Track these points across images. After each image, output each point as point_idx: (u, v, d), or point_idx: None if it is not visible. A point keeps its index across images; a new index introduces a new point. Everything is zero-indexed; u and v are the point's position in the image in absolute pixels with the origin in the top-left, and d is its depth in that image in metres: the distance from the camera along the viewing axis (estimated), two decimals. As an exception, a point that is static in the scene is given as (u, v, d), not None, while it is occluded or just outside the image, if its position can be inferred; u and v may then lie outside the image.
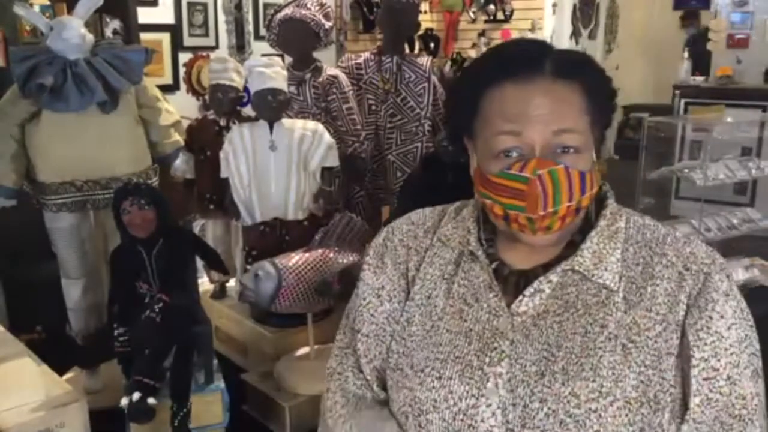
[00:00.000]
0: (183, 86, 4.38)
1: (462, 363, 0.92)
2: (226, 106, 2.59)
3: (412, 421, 0.94)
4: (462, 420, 0.89)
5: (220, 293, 2.73)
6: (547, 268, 0.95)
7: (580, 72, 0.95)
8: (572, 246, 0.97)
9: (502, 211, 0.92)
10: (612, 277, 0.92)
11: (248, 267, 2.28)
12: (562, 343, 0.90)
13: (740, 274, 3.44)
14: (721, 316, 0.89)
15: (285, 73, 2.42)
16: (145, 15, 3.83)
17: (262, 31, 4.23)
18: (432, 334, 0.97)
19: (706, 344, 0.88)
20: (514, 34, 5.85)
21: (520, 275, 0.97)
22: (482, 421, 0.88)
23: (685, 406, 0.88)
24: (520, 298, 0.93)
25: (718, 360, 0.88)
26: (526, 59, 0.94)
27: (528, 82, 0.92)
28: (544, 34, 5.78)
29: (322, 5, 2.82)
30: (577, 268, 0.93)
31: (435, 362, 0.94)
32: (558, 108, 0.91)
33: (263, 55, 2.96)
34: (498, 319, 0.94)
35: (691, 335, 0.88)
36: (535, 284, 0.94)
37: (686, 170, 3.53)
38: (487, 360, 0.91)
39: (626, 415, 0.85)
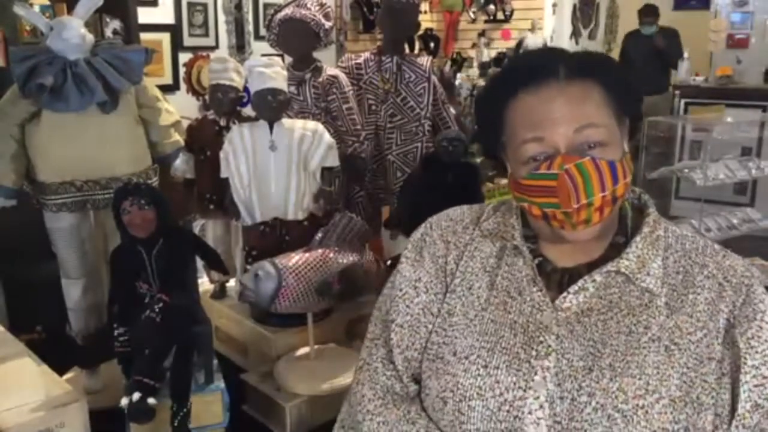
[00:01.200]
0: (183, 86, 4.38)
1: (509, 354, 0.94)
2: (226, 106, 2.59)
3: (451, 406, 0.95)
4: (508, 410, 0.91)
5: (220, 293, 2.72)
6: (590, 267, 0.98)
7: (594, 70, 0.96)
8: (614, 247, 0.99)
9: (540, 211, 0.95)
10: (655, 282, 0.95)
11: (248, 267, 2.28)
12: (607, 341, 0.92)
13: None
14: None
15: (285, 73, 2.41)
16: (145, 15, 3.83)
17: (262, 31, 4.24)
18: (477, 323, 0.99)
19: (757, 352, 0.90)
20: (514, 34, 5.86)
21: (563, 272, 1.00)
22: (529, 412, 0.90)
23: (730, 411, 0.90)
24: (565, 294, 0.96)
25: None
26: (540, 67, 0.96)
27: (547, 87, 0.94)
28: (544, 34, 5.79)
29: (322, 5, 2.82)
30: (622, 270, 0.95)
31: (481, 350, 0.96)
32: (576, 105, 0.93)
33: (263, 55, 2.96)
34: (542, 313, 0.96)
35: (742, 343, 0.91)
36: (580, 282, 0.96)
37: (686, 170, 3.54)
38: (534, 353, 0.93)
39: (671, 413, 0.87)
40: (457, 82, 5.02)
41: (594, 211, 0.92)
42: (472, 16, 6.03)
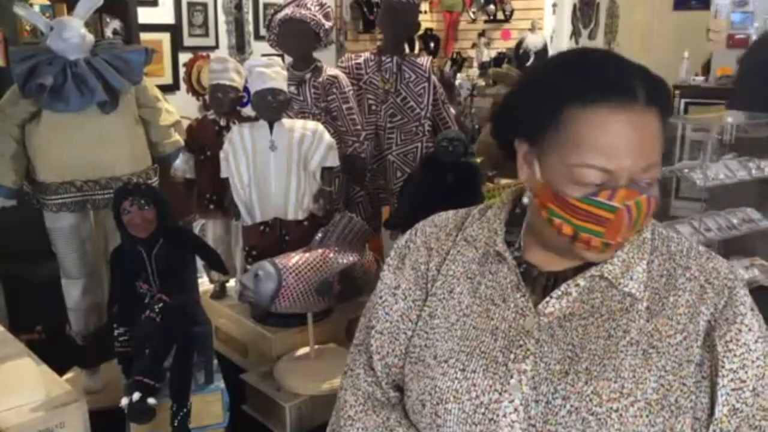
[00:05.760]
0: (183, 86, 4.38)
1: (487, 358, 0.94)
2: (226, 106, 2.59)
3: (429, 409, 0.96)
4: (483, 413, 0.91)
5: (220, 293, 2.72)
6: (577, 271, 0.97)
7: (661, 99, 0.92)
8: None
9: (572, 232, 0.91)
10: (637, 286, 0.94)
11: (248, 267, 2.28)
12: (585, 345, 0.92)
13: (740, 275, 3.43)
14: (749, 329, 0.91)
15: (285, 73, 2.41)
16: (145, 15, 3.84)
17: (262, 31, 4.24)
18: (457, 327, 0.99)
19: (735, 355, 0.89)
20: (514, 34, 5.86)
21: (549, 276, 0.99)
22: (504, 416, 0.90)
23: (708, 414, 0.90)
24: (548, 299, 0.95)
25: (746, 372, 0.89)
26: (622, 83, 0.89)
27: (624, 110, 0.88)
28: (544, 34, 5.78)
29: (322, 5, 2.82)
30: (606, 275, 0.95)
31: (460, 354, 0.96)
32: (648, 143, 0.89)
33: (263, 55, 2.96)
34: (524, 318, 0.95)
35: (720, 346, 0.90)
36: (563, 287, 0.95)
37: (686, 170, 3.53)
38: (512, 357, 0.93)
39: (647, 416, 0.87)
40: (457, 82, 5.02)
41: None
42: (472, 16, 6.04)
